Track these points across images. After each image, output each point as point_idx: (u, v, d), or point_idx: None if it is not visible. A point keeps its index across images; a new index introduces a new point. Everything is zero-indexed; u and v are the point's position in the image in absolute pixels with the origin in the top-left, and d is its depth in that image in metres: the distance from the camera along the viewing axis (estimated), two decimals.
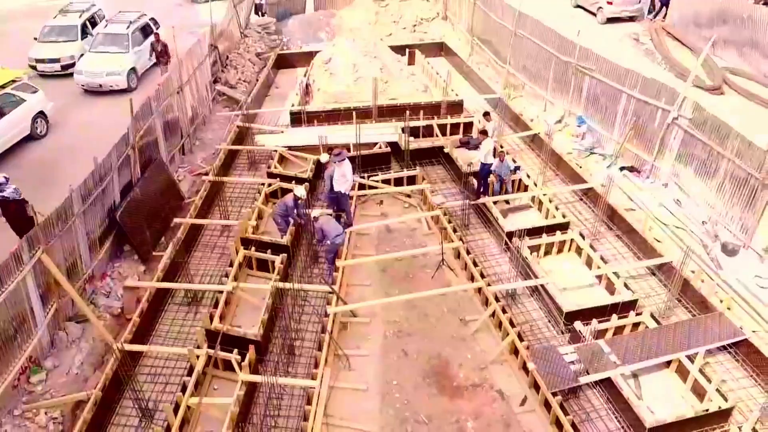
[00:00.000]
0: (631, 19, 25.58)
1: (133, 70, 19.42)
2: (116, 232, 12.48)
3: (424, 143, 16.96)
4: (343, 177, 13.04)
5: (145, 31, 20.46)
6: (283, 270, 12.31)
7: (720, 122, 12.88)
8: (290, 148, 16.36)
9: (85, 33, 20.90)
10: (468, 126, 17.95)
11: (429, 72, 21.30)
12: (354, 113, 18.02)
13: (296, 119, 18.02)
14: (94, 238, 11.75)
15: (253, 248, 12.64)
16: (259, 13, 25.26)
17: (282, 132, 17.23)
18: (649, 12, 25.85)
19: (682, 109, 13.70)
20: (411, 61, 22.70)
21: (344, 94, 19.05)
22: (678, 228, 13.28)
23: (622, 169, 15.23)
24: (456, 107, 18.87)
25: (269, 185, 14.86)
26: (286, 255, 12.49)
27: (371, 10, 24.80)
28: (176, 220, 13.55)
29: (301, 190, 12.83)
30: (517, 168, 15.37)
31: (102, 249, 12.01)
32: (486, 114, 15.99)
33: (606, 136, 16.25)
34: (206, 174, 15.53)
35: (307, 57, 22.22)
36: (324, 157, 14.02)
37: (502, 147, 15.71)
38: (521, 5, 18.67)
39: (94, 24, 21.41)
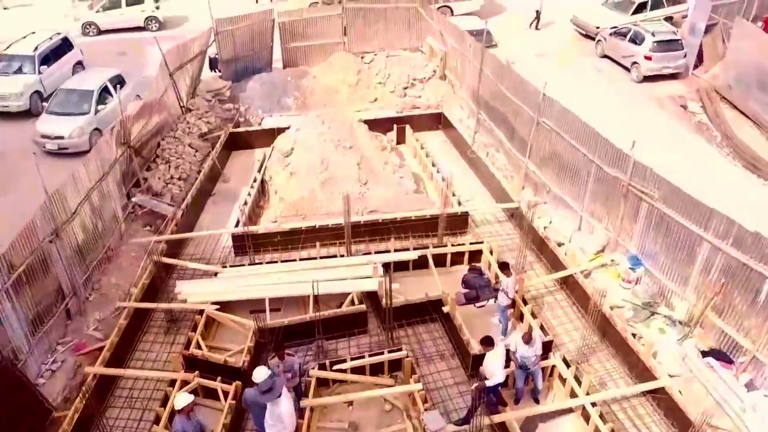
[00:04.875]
0: (673, 76, 20.83)
1: None
2: None
3: (414, 291, 12.07)
4: (278, 420, 8.16)
5: None
6: None
7: None
8: (222, 307, 11.48)
9: None
10: (475, 255, 13.13)
11: (423, 161, 16.46)
12: (318, 241, 13.32)
13: (241, 246, 13.21)
14: None
15: None
16: (215, 69, 20.36)
17: (215, 275, 12.35)
18: (695, 67, 21.09)
19: None
20: (401, 139, 17.89)
21: (308, 203, 14.23)
22: None
23: (704, 354, 10.35)
24: (459, 221, 14.07)
25: (183, 384, 9.99)
26: None
27: (352, 68, 19.90)
28: None
29: (182, 399, 8.02)
30: (550, 347, 10.64)
31: None
32: (504, 266, 11.12)
33: (673, 289, 11.38)
34: (100, 349, 10.71)
35: (268, 135, 17.37)
36: (259, 374, 8.17)
37: (531, 316, 10.96)
38: (546, 85, 13.76)
39: None
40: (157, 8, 25.79)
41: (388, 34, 21.42)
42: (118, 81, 18.10)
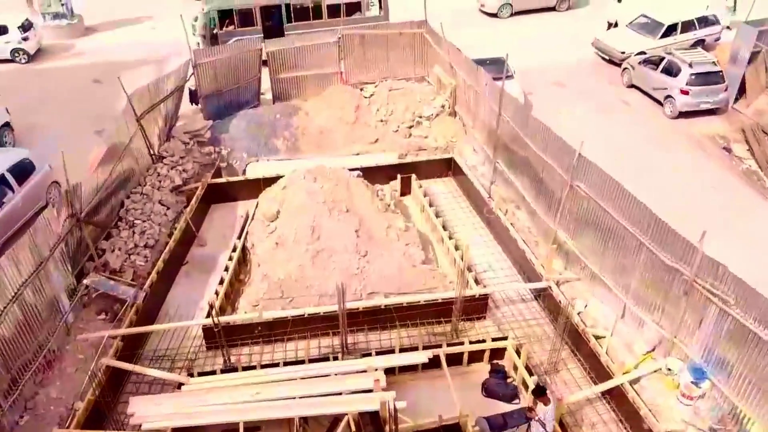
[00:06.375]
0: (711, 111, 18.54)
1: None
2: None
3: (424, 404, 9.76)
4: None
5: None
6: None
7: None
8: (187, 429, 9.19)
9: None
10: (497, 354, 10.84)
11: (432, 220, 14.16)
12: (308, 332, 11.06)
13: (213, 341, 10.90)
14: None
15: None
16: (196, 102, 17.97)
17: (179, 386, 10.02)
18: (735, 100, 18.79)
19: None
20: (405, 190, 15.60)
21: (296, 283, 11.91)
22: None
23: None
24: (477, 306, 11.76)
25: None
26: None
27: (349, 103, 17.55)
28: None
29: None
30: None
31: None
32: (540, 392, 8.79)
33: (750, 415, 9.04)
34: None
35: (253, 186, 15.12)
36: None
37: None
38: (582, 143, 11.40)
39: None
40: (25, 39, 22.99)
41: (389, 62, 19.07)
42: (24, 168, 13.78)
